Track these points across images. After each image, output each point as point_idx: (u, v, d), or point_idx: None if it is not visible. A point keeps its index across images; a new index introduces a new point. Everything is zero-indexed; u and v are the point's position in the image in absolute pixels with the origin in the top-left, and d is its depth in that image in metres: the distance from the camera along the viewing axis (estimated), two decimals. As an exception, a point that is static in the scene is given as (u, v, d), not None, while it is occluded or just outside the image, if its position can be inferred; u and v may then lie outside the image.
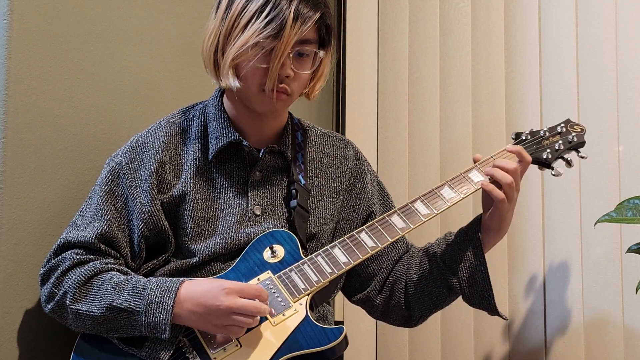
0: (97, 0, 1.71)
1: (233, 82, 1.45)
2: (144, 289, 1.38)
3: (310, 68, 1.49)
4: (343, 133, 2.42)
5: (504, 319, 1.56)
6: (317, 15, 1.46)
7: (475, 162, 1.55)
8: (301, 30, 1.43)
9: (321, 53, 1.49)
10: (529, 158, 1.54)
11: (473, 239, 1.54)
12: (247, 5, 1.44)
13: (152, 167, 1.49)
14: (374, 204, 1.65)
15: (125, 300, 1.37)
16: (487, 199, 1.51)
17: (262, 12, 1.42)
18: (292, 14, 1.42)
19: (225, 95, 1.58)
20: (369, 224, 1.49)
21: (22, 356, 1.53)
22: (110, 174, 1.50)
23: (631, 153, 1.95)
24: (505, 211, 1.49)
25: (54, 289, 1.43)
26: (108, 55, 1.74)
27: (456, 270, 1.53)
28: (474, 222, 1.56)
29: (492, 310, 1.53)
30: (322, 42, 1.50)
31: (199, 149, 1.53)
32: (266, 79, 1.44)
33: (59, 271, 1.43)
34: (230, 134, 1.52)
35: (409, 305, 1.60)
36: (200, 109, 1.59)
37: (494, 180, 1.49)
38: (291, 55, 1.44)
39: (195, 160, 1.52)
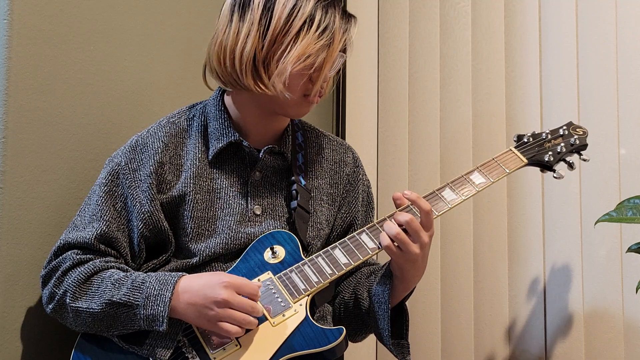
0: (97, 0, 1.71)
1: (287, 94, 1.45)
2: (143, 282, 1.38)
3: (334, 70, 1.50)
4: (343, 133, 2.42)
5: None
6: (356, 26, 1.50)
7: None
8: (345, 38, 1.47)
9: (345, 56, 1.52)
10: (427, 207, 1.40)
11: (387, 283, 1.48)
12: (293, 13, 1.42)
13: (151, 167, 1.49)
14: (358, 218, 1.65)
15: (124, 294, 1.37)
16: None
17: (312, 21, 1.42)
18: (339, 25, 1.45)
19: (226, 95, 1.58)
20: (370, 224, 1.49)
21: (23, 355, 1.53)
22: (110, 174, 1.50)
23: (631, 153, 1.95)
24: (401, 261, 1.41)
25: (54, 289, 1.43)
26: (108, 55, 1.74)
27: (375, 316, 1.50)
28: (387, 268, 1.49)
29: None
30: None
31: (199, 149, 1.53)
32: (309, 85, 1.47)
33: (59, 272, 1.43)
34: (230, 134, 1.52)
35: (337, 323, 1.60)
36: (200, 108, 1.59)
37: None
38: None
39: (195, 160, 1.52)
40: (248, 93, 1.50)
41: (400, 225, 1.41)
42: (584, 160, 1.62)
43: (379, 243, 1.44)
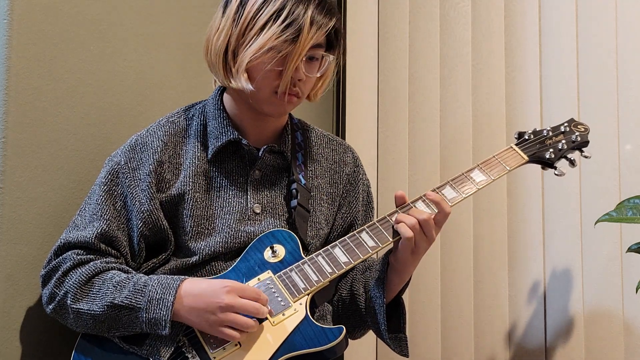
0: (97, 0, 1.71)
1: (246, 85, 1.45)
2: (145, 285, 1.38)
3: (318, 71, 1.50)
4: (343, 133, 2.42)
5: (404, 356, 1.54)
6: (332, 22, 1.48)
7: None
8: (317, 35, 1.45)
9: (330, 57, 1.50)
10: (448, 210, 1.46)
11: (382, 280, 1.50)
12: (263, 8, 1.43)
13: (150, 167, 1.49)
14: (358, 218, 1.66)
15: (126, 297, 1.37)
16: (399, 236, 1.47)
17: (278, 16, 1.42)
18: (308, 20, 1.43)
19: (225, 94, 1.58)
20: (369, 223, 1.49)
21: (23, 355, 1.53)
22: (110, 173, 1.50)
23: (631, 153, 1.95)
24: (408, 252, 1.45)
25: (55, 289, 1.43)
26: (108, 55, 1.74)
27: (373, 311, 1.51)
28: (382, 262, 1.52)
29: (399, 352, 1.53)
30: (329, 45, 1.51)
31: (198, 148, 1.53)
32: (279, 82, 1.46)
33: (60, 272, 1.43)
34: (229, 133, 1.52)
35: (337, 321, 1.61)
36: (199, 108, 1.59)
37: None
38: (303, 59, 1.45)
39: (195, 159, 1.52)
40: (233, 90, 1.51)
41: (403, 221, 1.44)
42: (586, 157, 1.62)
43: (398, 234, 1.45)
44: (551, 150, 1.59)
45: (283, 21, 1.42)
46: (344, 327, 1.39)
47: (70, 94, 1.64)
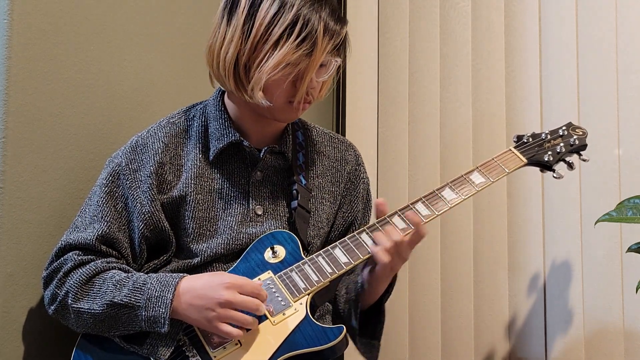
0: (97, 0, 1.71)
1: (264, 102, 1.44)
2: (144, 284, 1.38)
3: (326, 74, 1.49)
4: (343, 133, 2.42)
5: None
6: (344, 30, 1.47)
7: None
8: (330, 46, 1.44)
9: (339, 61, 1.49)
10: (424, 232, 1.44)
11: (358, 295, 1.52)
12: (275, 20, 1.41)
13: (151, 168, 1.49)
14: (358, 217, 1.66)
15: (125, 295, 1.37)
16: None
17: (293, 29, 1.40)
18: (322, 30, 1.41)
19: (226, 96, 1.58)
20: (370, 224, 1.49)
21: (24, 355, 1.53)
22: (110, 174, 1.50)
23: (631, 153, 1.95)
24: (387, 270, 1.46)
25: (56, 290, 1.43)
26: (108, 55, 1.74)
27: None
28: (355, 287, 1.53)
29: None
30: (335, 48, 1.49)
31: (199, 150, 1.53)
32: (293, 92, 1.45)
33: (61, 273, 1.43)
34: (230, 134, 1.52)
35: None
36: (200, 109, 1.59)
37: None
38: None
39: (196, 160, 1.52)
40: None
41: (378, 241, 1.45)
42: (584, 160, 1.62)
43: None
44: (550, 153, 1.60)
45: (298, 35, 1.40)
46: (344, 327, 1.39)
47: (70, 94, 1.64)
